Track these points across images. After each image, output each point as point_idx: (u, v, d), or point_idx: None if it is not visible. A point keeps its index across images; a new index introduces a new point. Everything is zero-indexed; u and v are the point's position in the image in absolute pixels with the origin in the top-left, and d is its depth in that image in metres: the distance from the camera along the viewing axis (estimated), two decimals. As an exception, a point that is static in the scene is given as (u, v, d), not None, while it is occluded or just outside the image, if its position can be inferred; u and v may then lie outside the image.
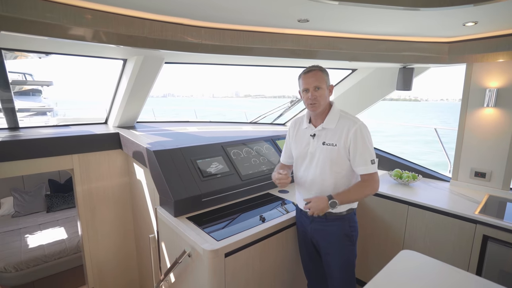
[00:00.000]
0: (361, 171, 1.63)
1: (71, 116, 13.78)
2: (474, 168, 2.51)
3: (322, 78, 1.63)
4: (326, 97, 1.65)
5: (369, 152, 1.61)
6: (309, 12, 1.71)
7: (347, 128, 1.61)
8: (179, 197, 1.91)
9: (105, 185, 2.75)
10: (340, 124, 1.65)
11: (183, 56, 2.31)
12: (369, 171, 1.62)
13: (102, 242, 2.80)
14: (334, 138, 1.65)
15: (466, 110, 2.49)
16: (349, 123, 1.63)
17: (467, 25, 1.92)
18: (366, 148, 1.60)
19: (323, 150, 1.67)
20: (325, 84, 1.64)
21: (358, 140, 1.59)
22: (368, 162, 1.61)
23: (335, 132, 1.65)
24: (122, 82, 2.59)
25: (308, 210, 1.63)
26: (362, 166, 1.61)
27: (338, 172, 1.66)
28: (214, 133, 2.90)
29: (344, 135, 1.61)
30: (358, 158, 1.61)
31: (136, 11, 1.68)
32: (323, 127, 1.68)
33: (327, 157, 1.65)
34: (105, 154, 2.70)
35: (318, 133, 1.70)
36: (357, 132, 1.59)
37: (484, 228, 1.95)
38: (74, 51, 2.20)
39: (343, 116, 1.68)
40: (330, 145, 1.65)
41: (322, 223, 1.73)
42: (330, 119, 1.68)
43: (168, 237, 1.99)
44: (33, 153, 2.32)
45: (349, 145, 1.61)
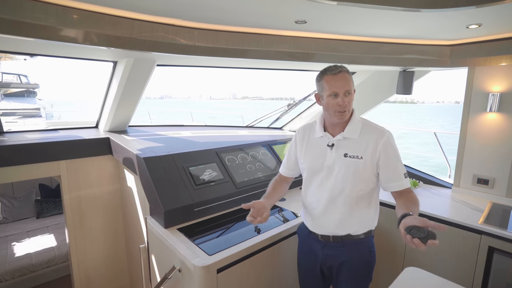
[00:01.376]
0: (394, 187, 1.42)
1: (67, 118, 13.61)
2: (476, 175, 2.43)
3: (351, 81, 1.43)
4: (352, 104, 1.47)
5: (401, 165, 1.44)
6: (307, 13, 1.63)
7: (374, 139, 1.42)
8: (170, 207, 1.81)
9: (95, 192, 2.64)
10: (365, 133, 1.44)
11: (176, 59, 2.22)
12: (405, 186, 1.42)
13: (91, 251, 2.69)
14: (359, 150, 1.43)
15: (468, 115, 2.42)
16: (376, 133, 1.43)
17: (470, 27, 1.85)
18: (398, 161, 1.43)
19: (344, 163, 1.44)
20: (353, 88, 1.45)
21: (390, 153, 1.41)
22: (402, 176, 1.42)
23: (359, 143, 1.44)
24: (112, 85, 2.49)
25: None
26: (395, 181, 1.42)
27: (362, 189, 1.46)
28: (208, 138, 2.80)
29: (372, 147, 1.41)
30: (392, 173, 1.42)
31: (124, 10, 1.58)
32: (344, 136, 1.46)
33: (349, 171, 1.43)
34: (94, 160, 2.59)
35: (337, 143, 1.48)
36: (387, 144, 1.41)
37: (490, 239, 1.87)
38: (61, 52, 2.09)
39: (366, 124, 1.48)
40: (354, 157, 1.43)
41: (338, 248, 1.51)
42: (353, 127, 1.46)
43: (158, 249, 1.89)
44: (16, 159, 2.20)
45: (378, 159, 1.41)
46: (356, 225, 1.49)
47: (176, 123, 5.11)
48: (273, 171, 2.48)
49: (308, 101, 3.40)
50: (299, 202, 2.25)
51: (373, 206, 1.53)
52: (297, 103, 3.30)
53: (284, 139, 2.94)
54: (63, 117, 14.02)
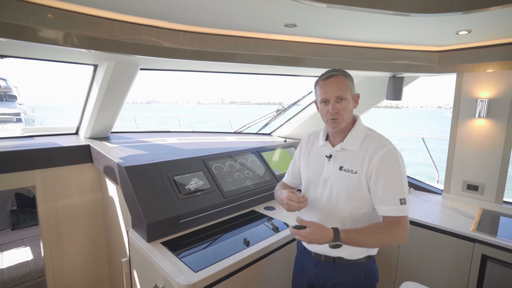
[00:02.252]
0: (384, 212, 1.22)
1: (49, 124, 13.16)
2: (466, 181, 2.42)
3: (346, 85, 1.28)
4: (350, 110, 1.30)
5: (398, 187, 1.20)
6: (297, 16, 1.57)
7: (371, 152, 1.24)
8: (153, 220, 1.69)
9: (74, 203, 2.48)
10: (365, 145, 1.28)
11: (160, 62, 2.12)
12: (395, 214, 1.19)
13: (69, 265, 2.52)
14: (355, 164, 1.28)
15: (457, 121, 2.42)
16: (375, 145, 1.25)
17: (460, 33, 1.84)
18: (394, 181, 1.20)
19: (339, 177, 1.31)
20: (350, 94, 1.28)
21: (384, 169, 1.21)
22: (396, 201, 1.19)
23: (357, 156, 1.28)
24: (93, 89, 2.36)
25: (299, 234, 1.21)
26: (385, 205, 1.21)
27: (357, 208, 1.29)
28: (195, 145, 2.70)
29: (367, 160, 1.24)
30: (381, 194, 1.21)
31: (104, 10, 1.48)
32: (342, 147, 1.32)
33: (343, 186, 1.29)
34: (73, 168, 2.45)
35: (335, 154, 1.35)
36: (384, 158, 1.21)
37: (483, 247, 1.84)
38: (34, 54, 1.96)
39: (369, 135, 1.31)
40: (348, 171, 1.28)
41: (329, 269, 1.36)
42: (353, 137, 1.31)
43: (140, 264, 1.77)
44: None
45: (371, 174, 1.23)
46: (351, 249, 1.27)
47: (163, 128, 4.97)
48: (262, 179, 2.40)
49: (298, 106, 3.35)
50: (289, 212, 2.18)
51: None
52: (286, 108, 3.25)
53: (273, 146, 2.87)
54: (45, 122, 13.57)
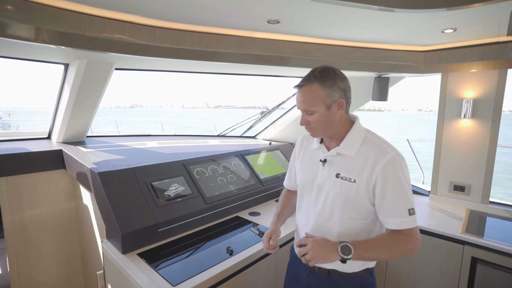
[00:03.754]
0: (392, 225, 1.11)
1: (26, 129, 12.62)
2: (453, 182, 2.41)
3: (317, 96, 1.12)
4: (329, 120, 1.16)
5: (406, 198, 1.10)
6: (280, 12, 1.50)
7: (373, 159, 1.11)
8: (129, 229, 1.56)
9: (44, 212, 2.30)
10: (364, 151, 1.15)
11: (137, 61, 2.00)
12: (405, 226, 1.09)
13: (39, 280, 2.33)
14: (353, 171, 1.15)
15: (443, 121, 2.40)
16: (377, 151, 1.12)
17: (446, 31, 1.81)
18: (401, 192, 1.09)
19: (335, 185, 1.18)
20: (322, 106, 1.13)
21: (390, 179, 1.09)
22: (405, 213, 1.09)
23: (355, 162, 1.15)
24: (64, 90, 2.21)
25: (302, 255, 1.12)
26: (394, 217, 1.10)
27: (355, 220, 1.18)
28: (176, 149, 2.58)
29: (368, 169, 1.11)
30: (388, 206, 1.11)
31: (70, 2, 1.36)
32: (338, 152, 1.19)
33: (340, 195, 1.17)
34: (44, 175, 2.27)
35: (330, 159, 1.22)
36: (387, 167, 1.09)
37: (473, 250, 1.80)
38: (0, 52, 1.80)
39: (369, 139, 1.17)
40: (346, 179, 1.16)
41: (323, 280, 1.25)
42: (349, 142, 1.18)
43: (115, 278, 1.63)
44: None
45: (374, 185, 1.11)
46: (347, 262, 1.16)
47: (145, 133, 4.80)
48: (246, 183, 2.30)
49: (282, 109, 3.28)
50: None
51: None
52: (270, 110, 3.17)
53: (257, 149, 2.78)
54: (22, 127, 13.01)
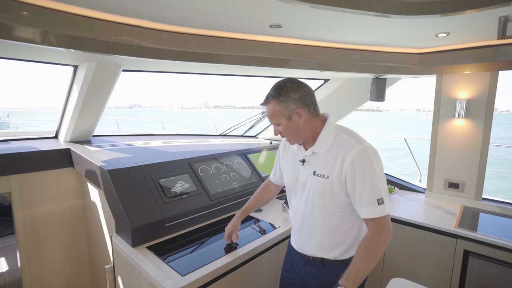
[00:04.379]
0: (363, 214, 1.20)
1: (25, 129, 12.67)
2: (448, 179, 2.50)
3: (276, 112, 1.25)
4: (294, 128, 1.27)
5: (374, 187, 1.17)
6: (282, 17, 1.58)
7: (342, 154, 1.20)
8: (138, 224, 1.65)
9: (53, 209, 2.38)
10: (334, 148, 1.24)
11: (144, 63, 2.08)
12: (374, 215, 1.17)
13: (48, 275, 2.41)
14: (326, 167, 1.24)
15: (438, 120, 2.49)
16: (345, 147, 1.21)
17: (439, 35, 1.90)
18: (369, 182, 1.17)
19: (313, 182, 1.28)
20: (282, 118, 1.25)
21: (357, 171, 1.17)
22: (373, 202, 1.17)
23: (327, 159, 1.25)
24: (73, 91, 2.29)
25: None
26: (364, 207, 1.19)
27: (335, 212, 1.27)
28: (179, 148, 2.66)
29: (339, 164, 1.20)
30: (359, 197, 1.19)
31: (83, 8, 1.44)
32: (313, 151, 1.29)
33: (318, 191, 1.27)
34: (53, 173, 2.35)
35: (308, 158, 1.32)
36: (355, 160, 1.17)
37: (465, 243, 1.89)
38: (11, 54, 1.88)
39: (339, 136, 1.26)
40: (321, 176, 1.26)
41: (318, 268, 1.37)
42: (322, 140, 1.27)
43: (125, 271, 1.71)
44: None
45: (345, 178, 1.20)
46: (333, 250, 1.32)
47: (147, 132, 4.88)
48: (248, 181, 2.39)
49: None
50: (276, 213, 2.18)
51: (354, 232, 1.31)
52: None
53: (259, 148, 2.86)
54: (21, 127, 13.07)
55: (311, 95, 1.28)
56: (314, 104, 1.28)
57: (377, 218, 1.18)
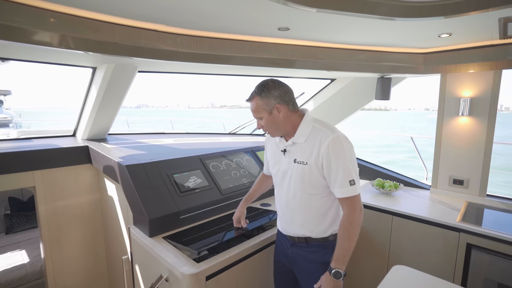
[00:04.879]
0: (338, 194, 1.37)
1: (36, 129, 13.01)
2: (452, 176, 2.55)
3: (258, 106, 1.42)
4: (275, 122, 1.44)
5: (346, 170, 1.33)
6: (290, 20, 1.67)
7: (318, 142, 1.37)
8: (155, 215, 1.76)
9: (73, 203, 2.52)
10: (312, 137, 1.41)
11: (158, 65, 2.19)
12: (347, 194, 1.34)
13: (69, 265, 2.55)
14: (304, 155, 1.41)
15: (442, 119, 2.55)
16: (321, 135, 1.37)
17: (442, 36, 1.96)
18: (341, 165, 1.33)
19: (294, 169, 1.45)
20: (264, 112, 1.42)
21: (332, 156, 1.33)
22: (346, 183, 1.33)
23: (305, 148, 1.42)
24: (91, 91, 2.42)
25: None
26: (338, 188, 1.35)
27: (315, 194, 1.43)
28: (191, 145, 2.77)
29: (316, 151, 1.37)
30: (334, 178, 1.35)
31: (105, 15, 1.55)
32: (293, 141, 1.45)
33: (298, 177, 1.44)
34: (72, 169, 2.49)
35: (289, 148, 1.48)
36: (329, 147, 1.33)
37: (468, 236, 1.95)
38: (37, 57, 2.01)
39: (315, 128, 1.42)
40: (301, 163, 1.42)
41: (303, 247, 1.52)
42: (300, 132, 1.44)
43: (143, 260, 1.83)
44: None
45: (322, 163, 1.36)
46: (315, 229, 1.48)
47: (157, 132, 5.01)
48: (257, 177, 2.47)
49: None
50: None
51: (333, 212, 1.47)
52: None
53: (267, 145, 2.95)
54: (33, 127, 13.41)
55: (289, 93, 1.45)
56: (292, 102, 1.46)
57: (350, 197, 1.35)
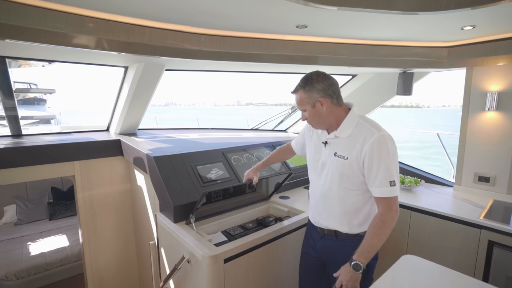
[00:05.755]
0: (376, 193, 1.36)
1: (74, 125, 13.99)
2: (477, 173, 2.48)
3: (302, 99, 1.44)
4: (318, 115, 1.44)
5: (388, 170, 1.31)
6: (307, 18, 1.73)
7: (362, 139, 1.36)
8: (179, 203, 1.90)
9: (106, 192, 2.75)
10: (356, 133, 1.40)
11: (184, 63, 2.34)
12: (386, 194, 1.32)
13: (103, 249, 2.79)
14: (346, 150, 1.41)
15: (467, 114, 2.48)
16: (366, 133, 1.36)
17: (465, 29, 1.93)
18: (383, 165, 1.31)
19: (334, 162, 1.45)
20: (308, 105, 1.43)
21: (375, 155, 1.32)
22: (385, 183, 1.31)
23: (348, 143, 1.41)
24: (123, 89, 2.62)
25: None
26: (377, 187, 1.34)
27: (351, 189, 1.43)
28: (214, 140, 2.90)
29: (358, 148, 1.36)
30: (373, 178, 1.34)
31: (136, 18, 1.71)
32: (335, 135, 1.45)
33: (336, 171, 1.44)
34: (106, 160, 2.71)
35: (330, 141, 1.49)
36: (373, 145, 1.32)
37: (490, 234, 1.91)
38: (76, 58, 2.23)
39: (360, 124, 1.41)
40: (341, 157, 1.42)
41: (333, 241, 1.53)
42: (345, 126, 1.43)
43: (168, 244, 1.98)
44: (35, 160, 2.34)
45: (363, 161, 1.35)
46: (346, 225, 1.48)
47: (183, 127, 5.22)
48: (278, 171, 2.56)
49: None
50: (302, 201, 2.34)
51: (366, 210, 1.46)
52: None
53: (288, 140, 3.00)
54: (71, 123, 14.43)
55: (334, 86, 1.43)
56: (337, 95, 1.44)
57: (388, 198, 1.33)
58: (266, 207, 2.32)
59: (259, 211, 2.26)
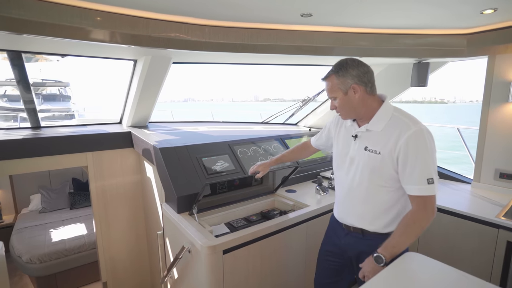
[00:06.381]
0: (411, 191, 1.26)
1: (92, 117, 14.77)
2: (498, 169, 2.32)
3: (335, 85, 1.36)
4: (349, 104, 1.36)
5: (426, 167, 1.23)
6: (311, 6, 1.67)
7: (397, 134, 1.26)
8: (183, 193, 1.92)
9: (118, 182, 2.83)
10: (390, 127, 1.31)
11: (190, 55, 2.34)
12: (421, 193, 1.23)
13: (115, 238, 2.88)
14: (378, 144, 1.32)
15: (488, 106, 2.32)
16: (401, 127, 1.27)
17: (485, 12, 1.79)
18: (420, 161, 1.22)
19: (364, 157, 1.37)
20: (339, 92, 1.35)
21: (411, 151, 1.23)
22: (423, 181, 1.22)
23: (381, 137, 1.32)
24: (133, 82, 2.67)
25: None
26: (412, 184, 1.25)
27: (382, 186, 1.35)
28: (223, 132, 2.91)
29: (392, 142, 1.27)
30: (409, 174, 1.25)
31: (140, 10, 1.72)
32: (367, 128, 1.37)
33: (367, 165, 1.35)
34: (118, 152, 2.79)
35: (360, 134, 1.40)
36: (409, 140, 1.23)
37: (509, 234, 1.79)
38: (86, 52, 2.28)
39: (395, 117, 1.32)
40: (373, 152, 1.33)
41: (358, 238, 1.45)
42: (378, 119, 1.34)
43: (172, 234, 2.01)
44: (51, 150, 2.44)
45: (398, 156, 1.26)
46: (374, 223, 1.40)
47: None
48: (284, 164, 2.52)
49: (324, 96, 3.40)
50: (307, 195, 2.29)
51: (398, 208, 1.37)
52: (311, 98, 3.32)
53: (298, 134, 2.97)
54: (87, 116, 15.22)
55: (369, 74, 1.36)
56: (371, 83, 1.36)
57: (424, 197, 1.24)
58: (272, 200, 2.30)
59: (264, 204, 2.25)
